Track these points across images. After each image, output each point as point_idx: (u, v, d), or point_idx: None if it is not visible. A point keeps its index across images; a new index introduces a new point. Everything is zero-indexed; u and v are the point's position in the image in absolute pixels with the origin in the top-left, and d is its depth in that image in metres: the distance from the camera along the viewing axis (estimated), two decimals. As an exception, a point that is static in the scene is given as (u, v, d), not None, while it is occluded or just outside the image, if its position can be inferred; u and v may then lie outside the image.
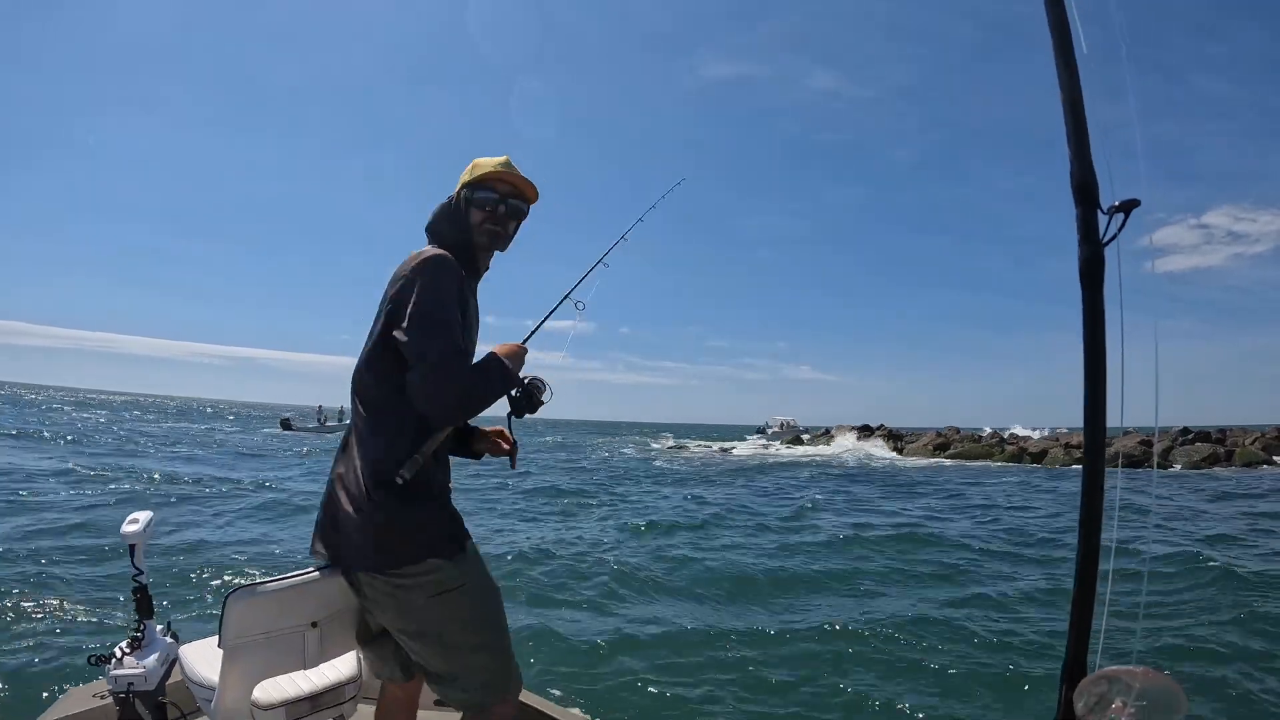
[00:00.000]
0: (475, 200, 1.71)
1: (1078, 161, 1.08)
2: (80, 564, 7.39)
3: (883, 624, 6.11)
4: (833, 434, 43.80)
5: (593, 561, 8.15)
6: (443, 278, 1.57)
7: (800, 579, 7.91)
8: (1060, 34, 1.05)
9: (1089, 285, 1.19)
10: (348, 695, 1.82)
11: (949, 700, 4.58)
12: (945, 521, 12.56)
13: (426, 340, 1.49)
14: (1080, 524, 1.23)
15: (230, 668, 1.64)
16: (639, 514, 12.02)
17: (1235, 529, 11.42)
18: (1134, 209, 1.15)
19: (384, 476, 1.55)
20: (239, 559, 7.95)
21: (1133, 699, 1.07)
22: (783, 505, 14.33)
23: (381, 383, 1.60)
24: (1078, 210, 1.14)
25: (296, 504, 11.91)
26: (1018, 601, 7.03)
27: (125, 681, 2.49)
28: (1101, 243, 1.18)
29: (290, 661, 1.69)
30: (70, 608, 6.23)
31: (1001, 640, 5.75)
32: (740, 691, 4.67)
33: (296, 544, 8.73)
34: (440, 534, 1.62)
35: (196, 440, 29.31)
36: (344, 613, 1.75)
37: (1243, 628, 5.84)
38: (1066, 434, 37.21)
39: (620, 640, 5.55)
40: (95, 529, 8.94)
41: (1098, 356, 1.20)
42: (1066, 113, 1.07)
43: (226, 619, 1.57)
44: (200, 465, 18.41)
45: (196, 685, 1.79)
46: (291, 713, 1.74)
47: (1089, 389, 1.20)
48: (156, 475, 14.99)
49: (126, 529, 2.68)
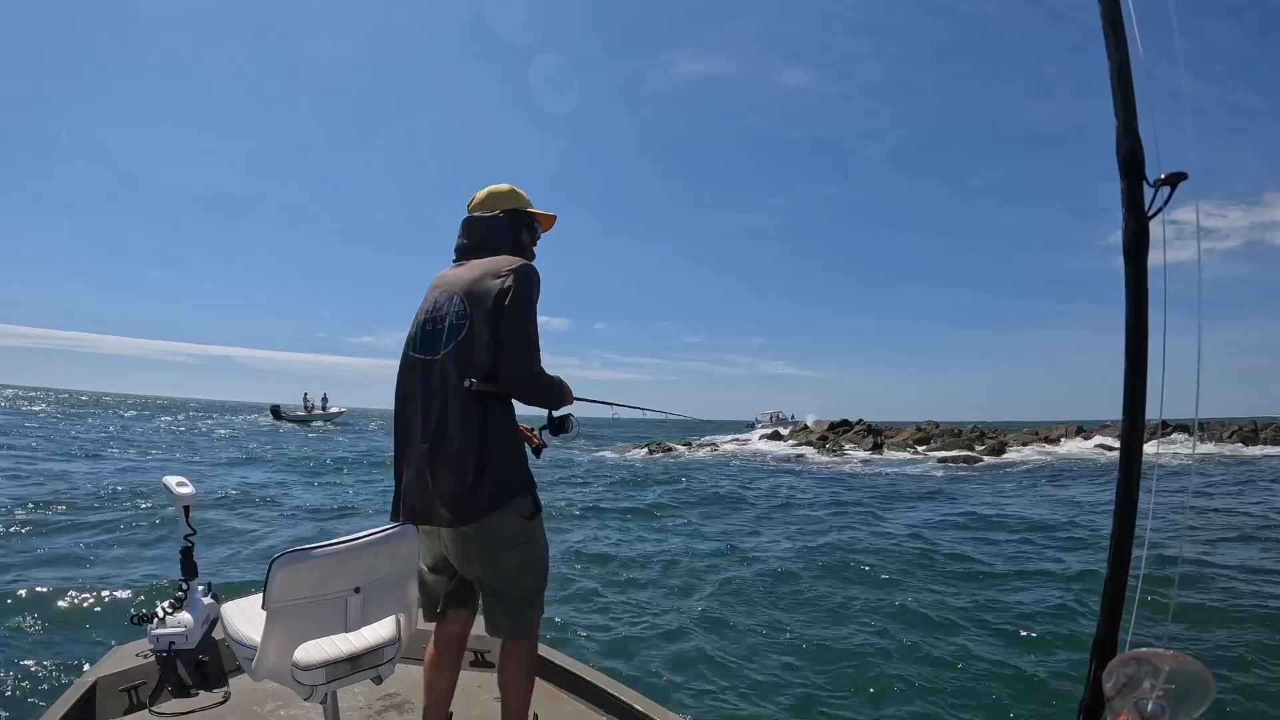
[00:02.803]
0: (531, 228, 2.21)
1: (1124, 130, 1.04)
2: (126, 530, 7.69)
3: (901, 610, 6.10)
4: (810, 428, 42.75)
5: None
6: (536, 292, 2.00)
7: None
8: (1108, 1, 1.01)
9: (1133, 260, 1.14)
10: (387, 657, 1.87)
11: (970, 687, 4.57)
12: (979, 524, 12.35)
13: (530, 347, 1.94)
14: (1115, 505, 1.22)
15: (273, 629, 1.68)
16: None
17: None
18: (1181, 182, 1.11)
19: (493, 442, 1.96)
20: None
21: (1161, 681, 1.06)
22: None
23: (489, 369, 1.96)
24: (1123, 182, 1.10)
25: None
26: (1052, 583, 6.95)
27: (167, 640, 2.59)
28: (1147, 216, 1.14)
29: (333, 625, 1.73)
30: (112, 570, 6.51)
31: (1027, 621, 5.71)
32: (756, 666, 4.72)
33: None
34: (528, 478, 2.03)
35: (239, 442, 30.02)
36: (387, 579, 1.79)
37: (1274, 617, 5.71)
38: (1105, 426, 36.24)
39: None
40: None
41: (1139, 337, 1.16)
42: (1114, 80, 1.02)
43: (272, 582, 1.62)
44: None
45: (238, 644, 1.83)
46: (331, 673, 1.78)
47: (1130, 371, 1.17)
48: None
49: (180, 490, 2.74)
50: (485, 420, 1.92)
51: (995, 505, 13.18)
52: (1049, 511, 12.12)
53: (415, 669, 2.40)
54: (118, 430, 30.51)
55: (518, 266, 1.98)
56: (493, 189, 2.19)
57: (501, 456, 1.94)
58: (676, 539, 9.64)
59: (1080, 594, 6.40)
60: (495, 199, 2.17)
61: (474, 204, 2.19)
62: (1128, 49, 1.02)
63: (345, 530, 1.86)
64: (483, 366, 1.91)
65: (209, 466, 17.12)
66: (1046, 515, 11.60)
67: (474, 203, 2.19)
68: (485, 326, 1.91)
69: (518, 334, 1.92)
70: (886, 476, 20.46)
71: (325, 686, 1.79)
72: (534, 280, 1.99)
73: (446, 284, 2.03)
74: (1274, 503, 12.60)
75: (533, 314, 1.96)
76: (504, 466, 1.94)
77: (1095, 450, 29.12)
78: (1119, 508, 1.21)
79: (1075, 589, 6.64)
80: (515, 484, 1.96)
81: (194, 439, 27.36)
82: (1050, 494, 15.57)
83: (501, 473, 1.93)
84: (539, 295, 2.00)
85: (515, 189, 2.21)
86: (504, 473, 1.94)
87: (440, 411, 1.93)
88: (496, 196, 2.18)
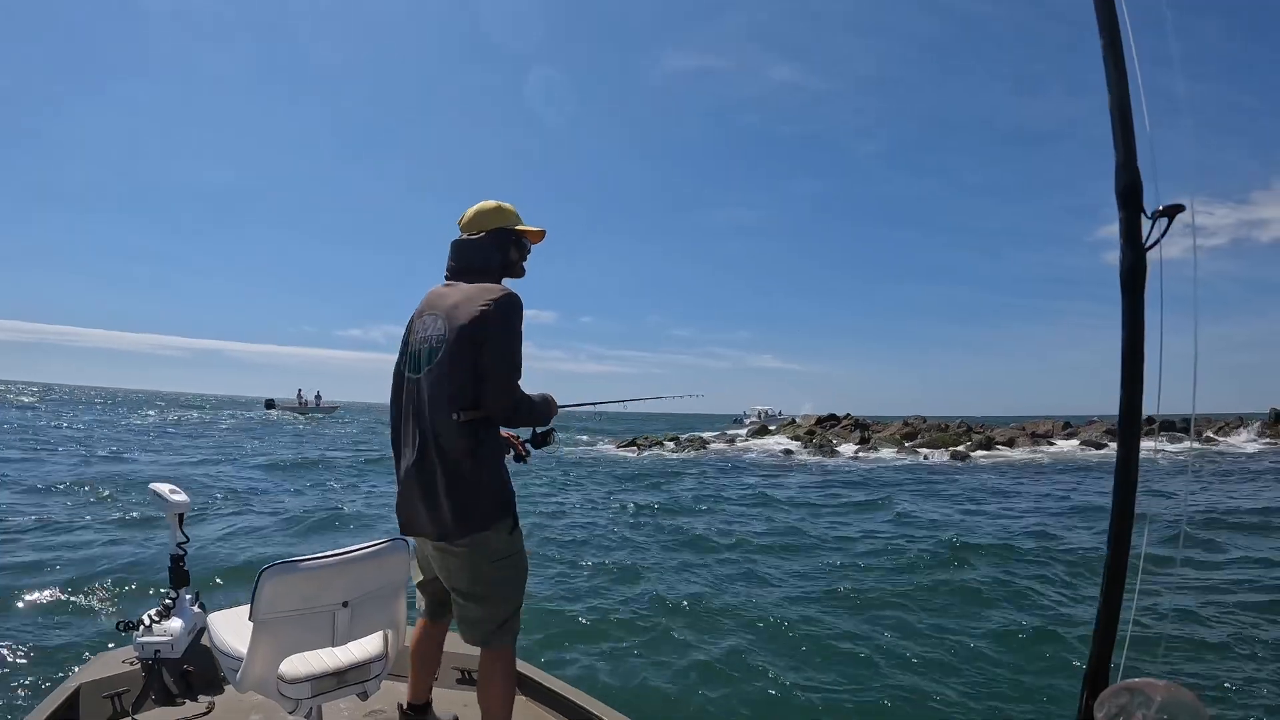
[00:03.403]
0: (519, 245, 2.22)
1: (1124, 165, 1.05)
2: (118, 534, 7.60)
3: (894, 626, 6.08)
4: (798, 422, 42.39)
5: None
6: (518, 321, 2.01)
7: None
8: (1111, 37, 1.02)
9: (1130, 289, 1.15)
10: (373, 673, 1.85)
11: (962, 701, 4.55)
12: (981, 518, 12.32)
13: (510, 376, 1.98)
14: (1109, 533, 1.22)
15: (259, 640, 1.67)
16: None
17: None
18: (1178, 214, 1.12)
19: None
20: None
21: (1154, 712, 1.06)
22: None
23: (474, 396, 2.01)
24: (1121, 214, 1.11)
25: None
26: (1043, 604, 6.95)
27: (152, 648, 2.56)
28: (1145, 247, 1.15)
29: (320, 638, 1.72)
30: (104, 577, 6.44)
31: (1021, 644, 5.70)
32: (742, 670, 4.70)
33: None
34: (511, 498, 2.07)
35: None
36: (376, 593, 1.78)
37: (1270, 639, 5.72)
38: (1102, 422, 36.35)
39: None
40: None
41: (1136, 363, 1.17)
42: (1114, 115, 1.03)
43: (260, 593, 1.61)
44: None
45: (224, 655, 1.82)
46: (317, 687, 1.77)
47: (1125, 397, 1.17)
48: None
49: (174, 498, 2.71)
50: (469, 440, 1.95)
51: (974, 508, 13.16)
52: (1032, 519, 12.14)
53: (402, 685, 2.39)
54: (107, 426, 30.25)
55: (499, 297, 1.99)
56: (480, 207, 2.19)
57: (484, 475, 1.98)
58: (653, 544, 9.60)
59: (1064, 614, 6.40)
60: (481, 219, 2.18)
61: (463, 223, 2.20)
62: (1128, 84, 1.02)
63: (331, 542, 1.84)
64: (463, 393, 1.95)
65: (210, 466, 17.01)
66: (1029, 523, 11.64)
67: (463, 221, 2.20)
68: (465, 356, 1.94)
69: (498, 365, 1.95)
70: (873, 474, 20.46)
71: (310, 701, 1.78)
72: (514, 310, 2.01)
73: (433, 307, 2.07)
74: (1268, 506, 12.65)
75: (513, 344, 1.99)
76: (487, 485, 1.98)
77: (1082, 450, 29.04)
78: (1113, 537, 1.21)
79: (1063, 608, 6.65)
80: (497, 502, 2.00)
81: (205, 431, 27.14)
82: (1034, 494, 15.64)
83: (484, 491, 1.97)
84: (521, 321, 2.03)
85: (502, 206, 2.20)
86: (487, 491, 1.98)
87: (424, 429, 1.99)
88: (482, 216, 2.18)
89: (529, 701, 2.63)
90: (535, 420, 2.13)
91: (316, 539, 8.84)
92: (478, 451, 1.97)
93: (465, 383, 1.95)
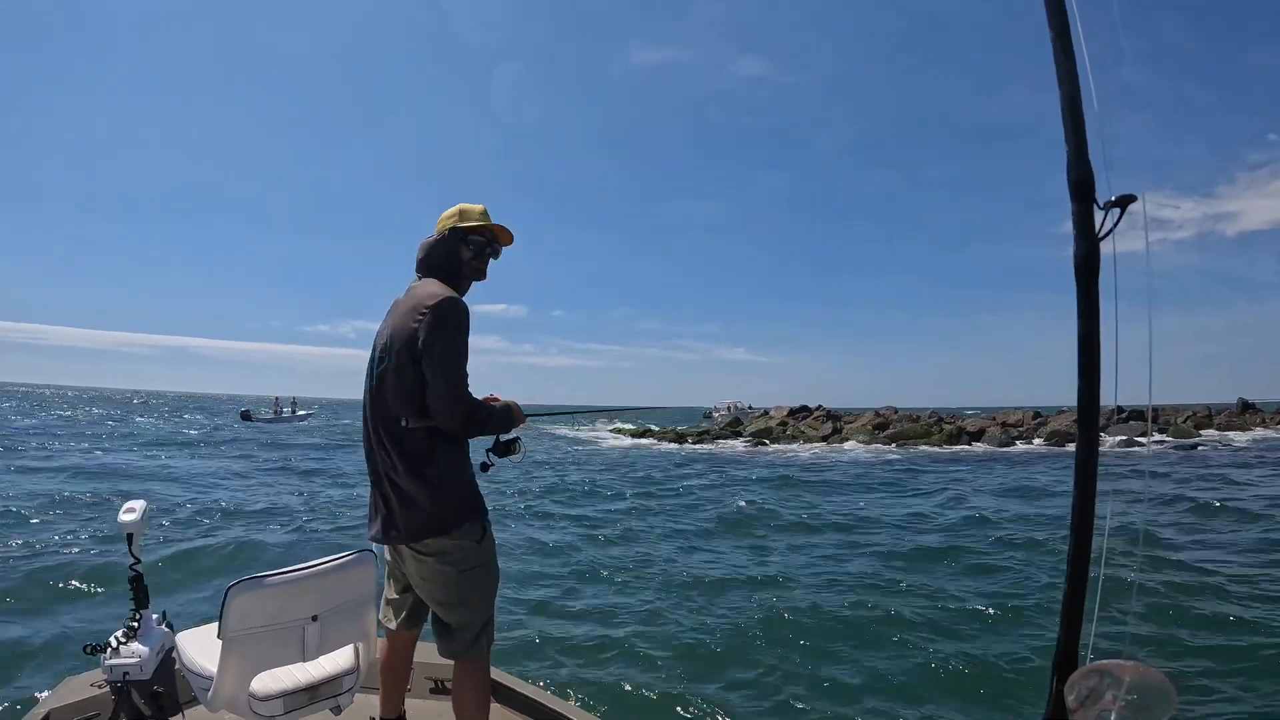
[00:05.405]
0: (467, 242, 2.15)
1: (1075, 158, 1.08)
2: (81, 551, 7.39)
3: (867, 618, 6.14)
4: (771, 415, 42.13)
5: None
6: (456, 327, 1.95)
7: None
8: (1060, 32, 1.04)
9: (1085, 279, 1.18)
10: (345, 687, 1.83)
11: (935, 696, 4.61)
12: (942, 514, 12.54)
13: (450, 388, 1.92)
14: (1072, 518, 1.24)
15: (229, 658, 1.64)
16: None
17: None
18: (1130, 204, 1.14)
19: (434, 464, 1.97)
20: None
21: (1123, 692, 1.08)
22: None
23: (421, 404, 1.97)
24: (1074, 206, 1.13)
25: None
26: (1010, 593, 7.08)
27: (120, 670, 2.51)
28: (1098, 238, 1.17)
29: (289, 654, 1.70)
30: (70, 596, 6.24)
31: (991, 632, 5.80)
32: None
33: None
34: (477, 505, 2.04)
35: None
36: (345, 606, 1.76)
37: (1235, 617, 5.89)
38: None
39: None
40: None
41: (1092, 352, 1.19)
42: (1065, 110, 1.06)
43: (228, 610, 1.57)
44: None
45: (193, 674, 1.78)
46: (289, 703, 1.74)
47: (1083, 385, 1.20)
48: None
49: (124, 517, 2.67)
50: (422, 445, 1.95)
51: (950, 499, 13.38)
52: (999, 504, 12.41)
53: (374, 698, 2.36)
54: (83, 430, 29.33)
55: (438, 301, 1.95)
56: (448, 210, 2.21)
57: (443, 481, 1.95)
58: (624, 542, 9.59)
59: (1032, 594, 6.53)
60: (443, 219, 2.20)
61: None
62: (1078, 80, 1.05)
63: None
64: (410, 400, 1.95)
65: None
66: (998, 508, 11.89)
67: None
68: (407, 364, 1.94)
69: (433, 373, 1.92)
70: (839, 467, 20.68)
71: (283, 717, 1.75)
72: (451, 316, 1.95)
73: (391, 310, 2.09)
74: (1225, 493, 13.06)
75: (449, 353, 1.93)
76: (448, 490, 1.96)
77: (1049, 446, 29.60)
78: (1076, 520, 1.23)
79: (1032, 591, 6.78)
80: (460, 508, 1.98)
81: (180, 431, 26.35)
82: (1004, 484, 15.98)
83: (444, 497, 1.95)
84: (462, 327, 1.97)
85: (465, 207, 2.19)
86: (448, 497, 1.96)
87: (381, 435, 2.00)
88: (444, 218, 2.20)
89: (504, 709, 2.62)
90: (492, 430, 2.10)
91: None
92: (434, 457, 1.95)
93: (412, 389, 1.94)
